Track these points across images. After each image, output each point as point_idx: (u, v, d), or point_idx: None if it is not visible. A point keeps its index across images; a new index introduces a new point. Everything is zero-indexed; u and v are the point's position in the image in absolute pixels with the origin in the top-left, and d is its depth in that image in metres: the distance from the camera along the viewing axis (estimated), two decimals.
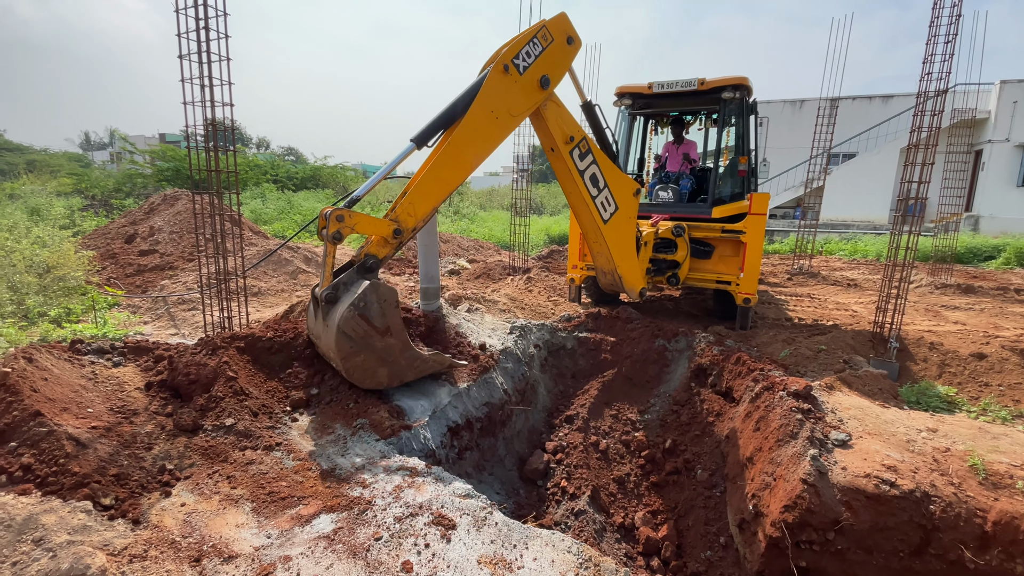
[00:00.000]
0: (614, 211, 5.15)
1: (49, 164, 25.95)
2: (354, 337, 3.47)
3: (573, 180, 4.78)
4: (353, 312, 3.44)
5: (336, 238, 3.49)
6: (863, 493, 2.96)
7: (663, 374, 5.44)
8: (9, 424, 2.40)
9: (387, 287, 3.59)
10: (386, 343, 3.63)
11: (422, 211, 3.81)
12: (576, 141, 4.69)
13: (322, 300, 3.57)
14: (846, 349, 5.35)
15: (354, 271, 3.66)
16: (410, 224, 3.78)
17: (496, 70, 3.92)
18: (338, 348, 3.45)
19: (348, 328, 3.44)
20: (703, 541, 3.86)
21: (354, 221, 3.54)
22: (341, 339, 3.43)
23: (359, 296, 3.45)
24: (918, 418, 3.57)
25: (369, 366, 3.61)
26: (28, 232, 7.16)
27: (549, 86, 4.26)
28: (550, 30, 4.25)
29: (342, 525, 2.44)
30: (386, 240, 3.71)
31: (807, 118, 13.43)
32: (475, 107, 3.81)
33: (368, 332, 3.52)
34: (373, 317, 3.53)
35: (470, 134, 3.84)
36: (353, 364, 3.54)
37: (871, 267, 12.04)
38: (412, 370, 3.86)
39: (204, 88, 4.38)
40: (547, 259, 11.00)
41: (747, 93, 6.54)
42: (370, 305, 3.50)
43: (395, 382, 3.80)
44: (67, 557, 1.79)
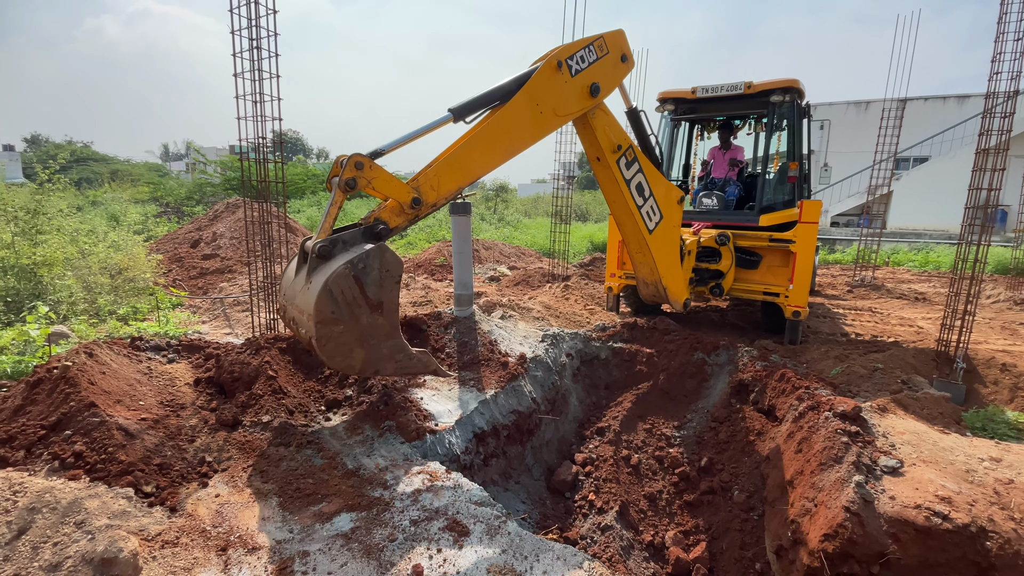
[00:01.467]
0: (659, 220, 5.00)
1: (130, 174, 28.37)
2: (340, 301, 2.93)
3: (619, 190, 4.65)
4: (349, 270, 2.92)
5: (349, 185, 3.05)
6: (912, 525, 2.73)
7: (701, 389, 5.24)
8: (66, 414, 2.63)
9: (395, 256, 3.09)
10: (373, 320, 3.09)
11: (446, 187, 3.46)
12: (623, 150, 4.56)
13: (313, 252, 3.02)
14: (906, 368, 4.98)
15: (359, 232, 3.19)
16: (431, 198, 3.39)
17: (549, 64, 3.80)
18: (317, 309, 2.89)
19: (337, 287, 2.91)
20: (737, 566, 3.67)
21: (374, 174, 3.12)
22: (324, 299, 2.89)
23: (361, 255, 2.96)
24: (981, 446, 3.26)
25: (345, 341, 3.05)
26: (105, 236, 7.84)
27: (599, 95, 4.15)
28: (607, 42, 4.18)
29: (360, 525, 2.50)
30: (402, 208, 3.29)
31: (872, 120, 12.63)
32: (521, 95, 3.63)
33: (357, 300, 3.00)
34: (369, 284, 3.02)
35: (510, 121, 3.63)
36: (329, 333, 2.96)
37: (943, 280, 11.14)
38: (392, 363, 3.29)
39: (256, 104, 4.67)
40: (588, 267, 10.88)
41: (798, 96, 6.26)
42: (370, 269, 3.00)
43: (369, 370, 3.25)
44: (103, 540, 1.94)
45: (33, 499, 2.11)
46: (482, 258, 12.53)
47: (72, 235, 7.25)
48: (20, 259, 5.98)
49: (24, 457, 2.55)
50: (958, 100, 21.96)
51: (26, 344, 4.58)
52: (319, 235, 3.07)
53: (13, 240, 6.17)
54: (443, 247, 12.42)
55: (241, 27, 4.47)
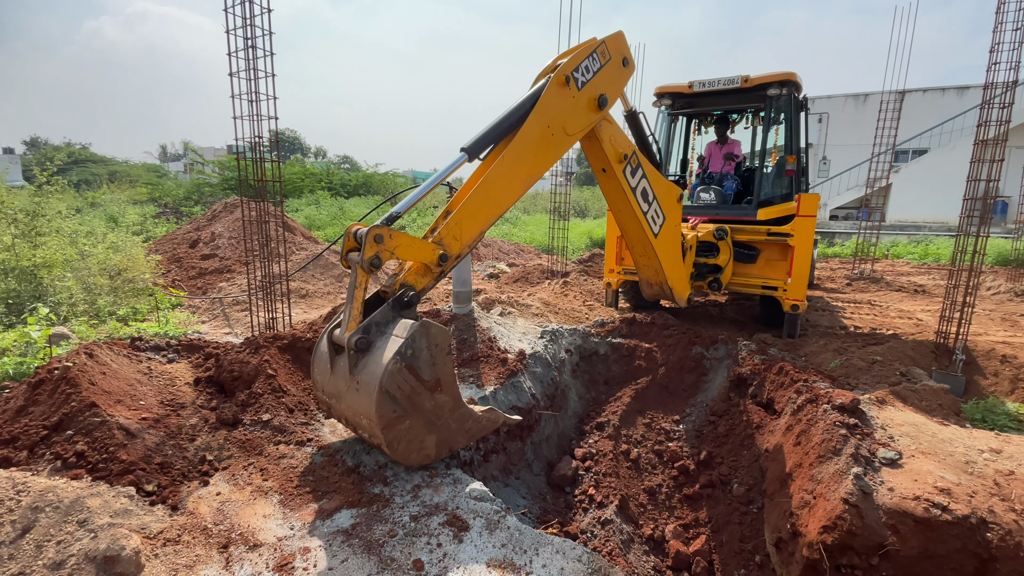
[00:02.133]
0: (663, 222, 4.90)
1: (129, 175, 28.34)
2: (399, 398, 2.69)
3: (626, 199, 4.50)
4: (400, 364, 2.65)
5: (374, 265, 2.75)
6: (911, 517, 2.74)
7: (700, 383, 5.26)
8: (67, 414, 2.64)
9: (439, 328, 2.85)
10: (436, 402, 2.87)
11: (468, 234, 3.22)
12: (629, 158, 4.41)
13: (352, 347, 2.75)
14: (905, 361, 4.98)
15: (388, 307, 2.91)
16: (455, 249, 3.15)
17: (556, 81, 3.57)
18: (380, 415, 2.65)
19: (394, 385, 2.65)
20: (737, 559, 3.69)
21: (396, 243, 2.82)
22: (384, 402, 2.64)
23: (407, 342, 2.67)
24: (981, 437, 3.26)
25: (416, 434, 2.83)
26: (104, 238, 7.85)
27: (605, 106, 3.94)
28: (608, 47, 3.96)
29: (360, 521, 2.52)
30: (428, 268, 3.05)
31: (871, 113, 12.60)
32: (532, 119, 3.43)
33: (416, 389, 2.75)
34: (422, 368, 2.76)
35: (524, 149, 3.43)
36: (397, 434, 2.74)
37: (943, 272, 11.14)
38: (464, 434, 3.09)
39: (252, 103, 4.66)
40: (587, 263, 10.89)
41: (796, 89, 6.25)
42: (419, 353, 2.73)
43: (444, 452, 3.04)
44: (105, 538, 1.95)
45: (36, 498, 2.13)
46: (481, 255, 12.54)
47: (71, 237, 7.26)
48: (20, 261, 5.99)
49: (27, 457, 2.56)
50: (957, 91, 21.90)
51: (27, 345, 4.60)
52: (349, 325, 2.79)
53: (13, 242, 6.18)
54: None
55: (236, 26, 4.46)
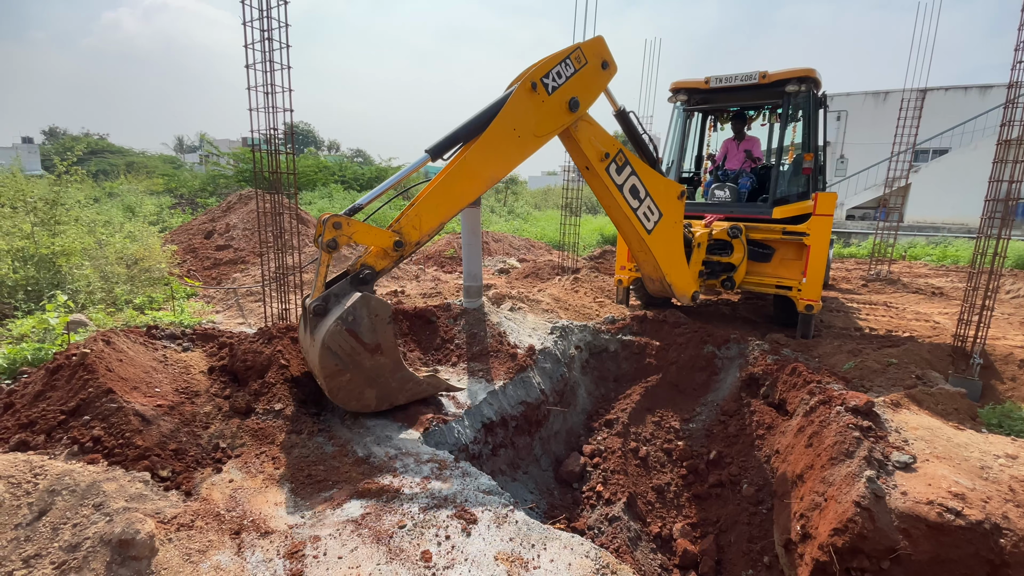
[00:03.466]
0: (658, 219, 4.93)
1: (146, 166, 28.72)
2: (340, 354, 3.21)
3: (611, 196, 4.59)
4: (341, 326, 3.17)
5: (331, 246, 3.28)
6: (924, 521, 2.70)
7: (711, 382, 5.22)
8: (84, 399, 2.69)
9: (380, 300, 3.33)
10: (376, 362, 3.36)
11: (428, 225, 3.57)
12: (612, 156, 4.47)
13: (310, 312, 3.31)
14: (921, 364, 4.90)
15: (347, 282, 3.42)
16: (414, 237, 3.53)
17: (523, 87, 3.75)
18: (322, 365, 3.19)
19: (334, 344, 3.18)
20: (745, 559, 3.67)
21: (352, 230, 3.33)
22: (326, 355, 3.17)
23: (348, 309, 3.19)
24: (997, 443, 3.20)
25: (355, 387, 3.35)
26: (121, 227, 7.97)
27: (578, 109, 4.07)
28: (584, 52, 4.10)
29: (370, 511, 2.54)
30: (386, 252, 3.49)
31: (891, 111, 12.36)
32: (497, 123, 3.63)
33: (356, 349, 3.26)
34: (363, 332, 3.26)
35: (489, 150, 3.65)
36: (337, 384, 3.28)
37: (961, 274, 10.93)
38: (404, 392, 3.59)
39: (268, 95, 4.69)
40: (598, 259, 10.84)
41: (814, 86, 6.14)
42: (359, 319, 3.23)
43: (384, 405, 3.54)
44: (120, 522, 1.99)
45: (53, 482, 2.17)
46: (492, 250, 12.53)
47: (89, 226, 7.38)
48: (40, 249, 6.10)
49: (44, 441, 2.62)
50: (980, 90, 21.40)
51: (46, 332, 4.69)
52: (313, 294, 3.35)
53: (33, 231, 6.29)
54: (453, 239, 12.44)
55: (252, 18, 4.48)
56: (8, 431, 2.70)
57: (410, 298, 6.54)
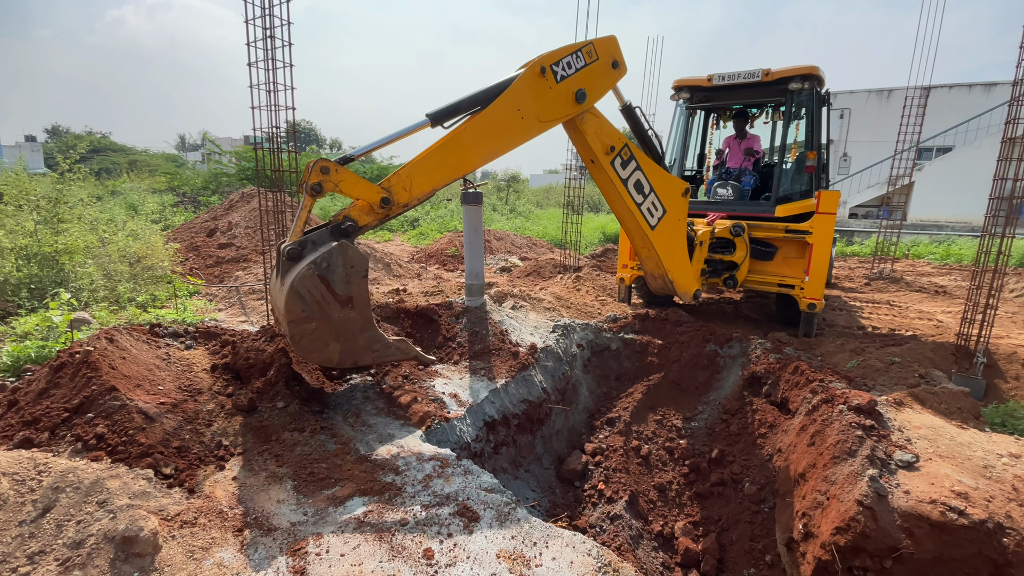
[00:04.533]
0: (662, 215, 4.92)
1: (148, 164, 28.76)
2: (308, 300, 3.05)
3: (616, 190, 4.59)
4: (312, 271, 3.03)
5: (315, 190, 3.13)
6: (927, 520, 2.70)
7: (713, 381, 5.21)
8: (88, 397, 2.70)
9: (358, 251, 3.18)
10: (345, 315, 3.20)
11: (419, 189, 3.46)
12: (617, 150, 4.46)
13: (283, 255, 3.16)
14: (924, 363, 4.89)
15: (326, 231, 3.26)
16: (403, 198, 3.42)
17: (532, 70, 3.75)
18: (287, 309, 3.04)
19: (303, 288, 3.02)
20: (747, 558, 3.67)
21: (340, 177, 3.18)
22: (293, 299, 3.02)
23: (323, 255, 3.04)
24: (1000, 442, 3.19)
25: (320, 336, 3.19)
26: (124, 225, 7.98)
27: (584, 101, 4.07)
28: (596, 48, 4.10)
29: (372, 509, 2.54)
30: (372, 207, 3.35)
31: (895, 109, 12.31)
32: (502, 100, 3.61)
33: (326, 298, 3.10)
34: (335, 282, 3.11)
35: (490, 125, 3.61)
36: (301, 330, 3.11)
37: (965, 273, 10.89)
38: (370, 352, 3.42)
39: (270, 93, 4.69)
40: (600, 258, 10.83)
41: (818, 83, 6.12)
42: (334, 267, 3.08)
43: (347, 362, 3.38)
44: (124, 519, 2.00)
45: (57, 479, 2.18)
46: (493, 248, 12.53)
47: (92, 224, 7.39)
48: (43, 247, 6.12)
49: (48, 438, 2.62)
50: (984, 88, 21.29)
51: (49, 330, 4.70)
52: (290, 238, 3.18)
53: (36, 229, 6.31)
54: (455, 237, 12.44)
55: (255, 16, 4.48)
56: (12, 428, 2.71)
57: (412, 296, 6.54)
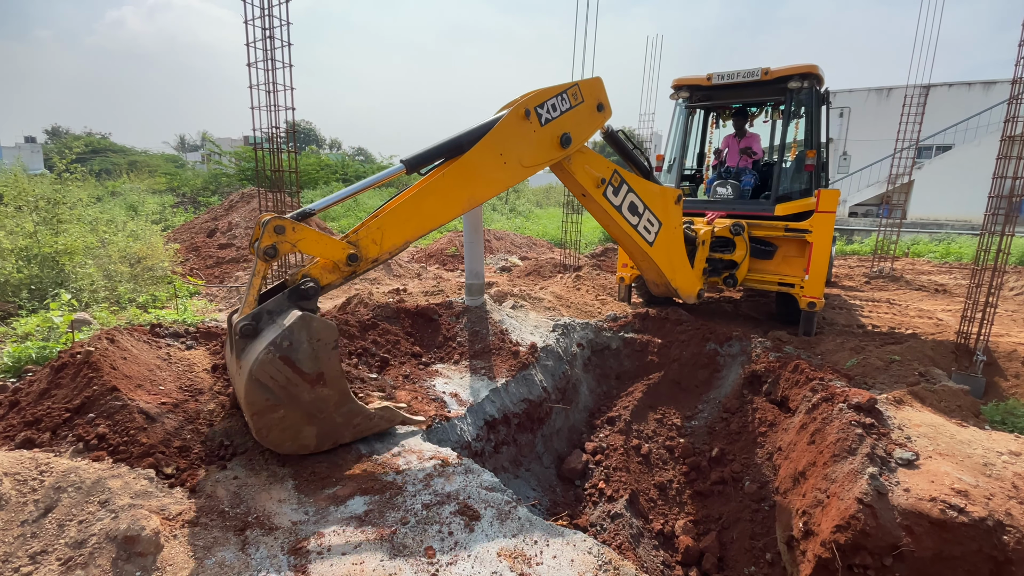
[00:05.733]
0: (658, 229, 4.86)
1: (148, 165, 28.77)
2: (272, 387, 2.66)
3: (611, 218, 4.51)
4: (273, 354, 2.61)
5: (269, 254, 2.76)
6: (927, 518, 2.70)
7: (713, 379, 5.22)
8: (89, 397, 2.70)
9: (324, 322, 2.79)
10: (317, 395, 2.82)
11: (390, 242, 3.13)
12: (608, 180, 4.34)
13: (236, 333, 2.74)
14: (923, 361, 4.89)
15: (284, 296, 2.84)
16: (372, 253, 3.06)
17: (516, 113, 3.54)
18: (249, 401, 2.65)
19: (264, 375, 2.61)
20: (747, 556, 3.68)
21: (298, 236, 2.81)
22: (254, 389, 2.62)
23: (283, 333, 2.63)
24: (1000, 440, 3.20)
25: (291, 425, 2.79)
26: (124, 226, 7.99)
27: (570, 146, 3.90)
28: (582, 90, 3.95)
29: (373, 508, 2.55)
30: (336, 266, 2.99)
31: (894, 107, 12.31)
32: (483, 144, 3.37)
33: (292, 380, 2.71)
34: (301, 361, 2.71)
35: (470, 171, 3.35)
36: (268, 422, 2.72)
37: (965, 271, 10.90)
38: (350, 429, 3.05)
39: (269, 94, 4.69)
40: (600, 257, 10.84)
41: (817, 82, 6.12)
42: (297, 345, 2.68)
43: (326, 444, 3.00)
44: (126, 519, 2.00)
45: (59, 479, 2.19)
46: (493, 248, 12.54)
47: (92, 224, 7.40)
48: (42, 248, 6.12)
49: (50, 439, 2.63)
50: (984, 86, 21.30)
51: (50, 330, 4.71)
52: (243, 310, 2.79)
53: (36, 230, 6.31)
54: (454, 237, 12.45)
55: (254, 16, 4.49)
56: (14, 429, 2.72)
57: (412, 296, 6.55)
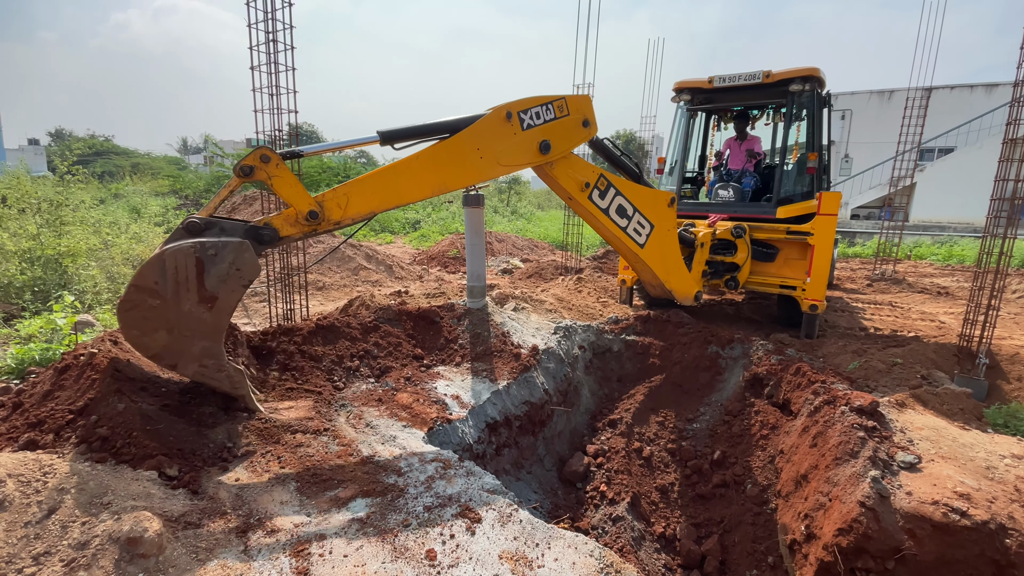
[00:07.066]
0: (650, 231, 4.89)
1: (151, 167, 28.89)
2: (168, 275, 2.67)
3: (598, 220, 4.55)
4: (193, 250, 2.68)
5: (245, 171, 2.89)
6: (929, 521, 2.70)
7: (715, 382, 5.21)
8: (92, 399, 2.71)
9: (254, 260, 2.86)
10: (196, 312, 2.79)
11: (354, 208, 3.20)
12: (592, 184, 4.39)
13: (183, 225, 2.80)
14: (926, 364, 4.88)
15: (242, 225, 2.94)
16: (335, 215, 3.15)
17: (498, 113, 3.63)
18: (140, 273, 2.65)
19: (172, 260, 2.66)
20: (749, 559, 3.67)
21: (277, 172, 2.93)
22: (153, 267, 2.65)
23: (217, 243, 2.72)
24: (1003, 443, 3.19)
25: (153, 317, 2.74)
26: (127, 228, 8.01)
27: (549, 153, 3.94)
28: (569, 104, 4.00)
29: (375, 510, 2.55)
30: (297, 219, 3.06)
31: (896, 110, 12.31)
32: (463, 135, 3.46)
33: (188, 283, 2.71)
34: (210, 274, 2.74)
35: (444, 158, 3.43)
36: (139, 300, 2.68)
37: (967, 274, 10.88)
38: (195, 364, 2.96)
39: (272, 96, 4.71)
40: (601, 259, 10.84)
41: (818, 85, 6.13)
42: (219, 260, 2.73)
43: (165, 360, 2.93)
44: (128, 520, 2.01)
45: (62, 480, 2.19)
46: (495, 250, 12.55)
47: (95, 226, 7.42)
48: (45, 250, 6.14)
49: (53, 440, 2.64)
50: (986, 88, 21.30)
51: (53, 332, 4.72)
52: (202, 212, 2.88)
53: (39, 232, 6.34)
54: (456, 239, 12.47)
55: (257, 20, 4.51)
56: (17, 430, 2.72)
57: (414, 298, 6.55)
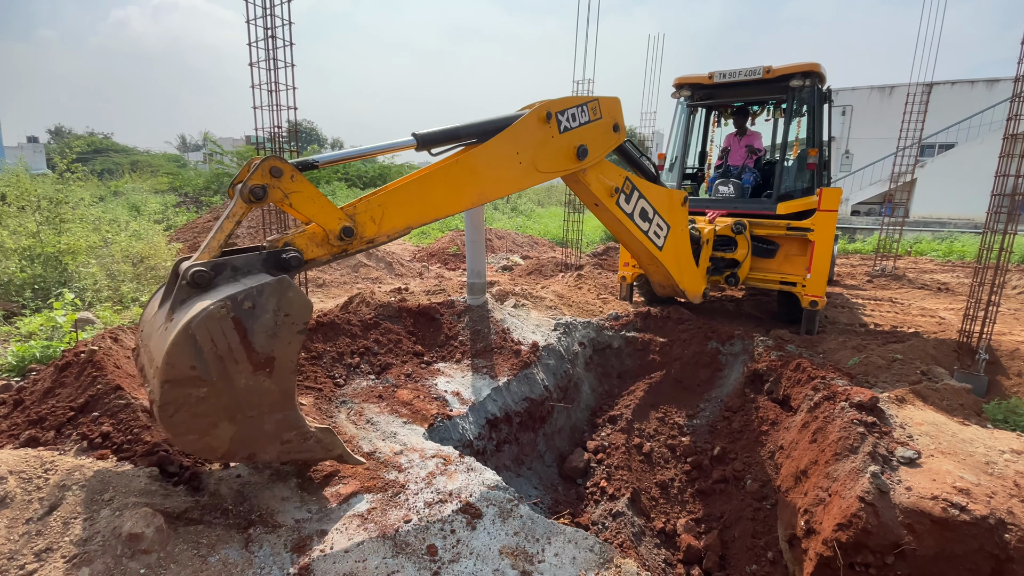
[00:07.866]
0: (667, 233, 4.85)
1: (150, 164, 28.86)
2: (207, 352, 2.01)
3: (623, 226, 4.47)
4: (227, 311, 2.02)
5: (256, 195, 2.23)
6: (928, 516, 2.71)
7: (715, 378, 5.22)
8: (93, 396, 2.72)
9: (302, 297, 2.23)
10: (256, 384, 2.18)
11: (390, 224, 2.74)
12: (620, 188, 4.29)
13: (185, 279, 2.11)
14: (926, 359, 4.89)
15: (257, 257, 2.29)
16: (369, 231, 2.66)
17: (537, 114, 3.40)
18: (169, 361, 1.95)
19: (204, 332, 1.98)
20: (749, 554, 3.68)
21: (294, 187, 2.32)
22: (182, 348, 1.95)
23: (251, 291, 2.08)
24: (1002, 438, 3.20)
25: (208, 410, 2.10)
26: (126, 226, 8.01)
27: (585, 159, 3.76)
28: (601, 106, 3.86)
29: (376, 506, 2.56)
30: (327, 238, 2.51)
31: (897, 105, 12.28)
32: (503, 137, 3.16)
33: (235, 352, 2.08)
34: (255, 332, 2.11)
35: (485, 163, 3.11)
36: (181, 397, 2.01)
37: (967, 269, 10.87)
38: (277, 444, 2.37)
39: (271, 93, 4.70)
40: (601, 256, 10.83)
41: (819, 80, 6.11)
42: (261, 311, 2.11)
43: (238, 455, 2.33)
44: (130, 516, 2.01)
45: (63, 477, 2.20)
46: (495, 247, 12.54)
47: (95, 224, 7.42)
48: (45, 248, 6.14)
49: (54, 437, 2.64)
50: (987, 84, 21.24)
51: (53, 330, 4.73)
52: (200, 256, 2.20)
53: (39, 229, 6.33)
54: (456, 236, 12.46)
55: (256, 16, 4.49)
56: (18, 427, 2.73)
57: (414, 295, 6.55)
